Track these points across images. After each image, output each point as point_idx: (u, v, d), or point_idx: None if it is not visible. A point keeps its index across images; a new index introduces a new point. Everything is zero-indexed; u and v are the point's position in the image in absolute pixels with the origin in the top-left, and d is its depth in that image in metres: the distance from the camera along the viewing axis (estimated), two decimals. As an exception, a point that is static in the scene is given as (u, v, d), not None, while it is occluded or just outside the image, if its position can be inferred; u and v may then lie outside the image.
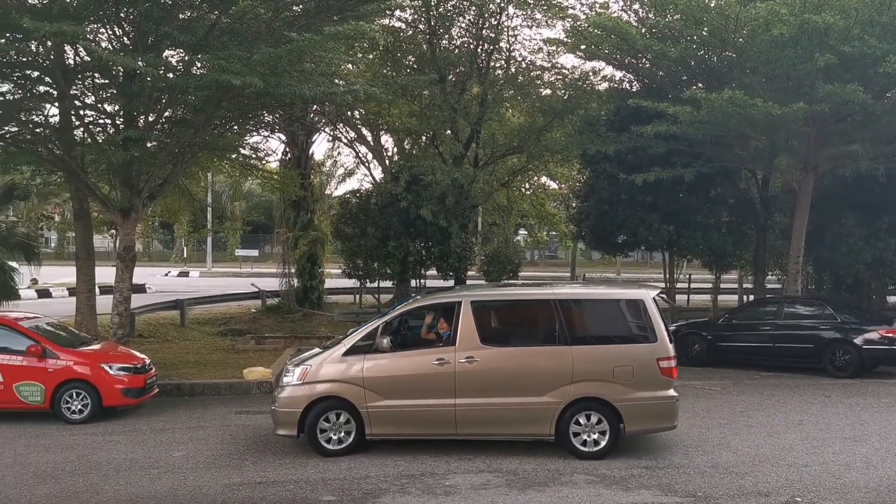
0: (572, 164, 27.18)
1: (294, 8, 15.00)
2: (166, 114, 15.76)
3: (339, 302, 29.36)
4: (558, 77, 22.93)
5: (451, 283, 22.73)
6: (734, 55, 17.50)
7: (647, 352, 9.64)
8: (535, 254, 71.69)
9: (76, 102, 16.00)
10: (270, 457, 9.84)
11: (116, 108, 16.14)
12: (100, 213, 20.70)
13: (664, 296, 15.11)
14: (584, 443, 9.64)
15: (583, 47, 19.78)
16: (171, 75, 14.59)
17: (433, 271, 22.66)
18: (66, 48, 14.85)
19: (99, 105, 16.51)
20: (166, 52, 15.28)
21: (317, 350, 10.66)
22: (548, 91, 23.06)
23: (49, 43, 13.24)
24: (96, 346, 13.23)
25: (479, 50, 22.17)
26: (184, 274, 49.47)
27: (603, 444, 9.60)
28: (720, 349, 17.35)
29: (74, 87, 15.86)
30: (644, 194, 19.78)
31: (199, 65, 14.67)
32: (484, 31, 21.90)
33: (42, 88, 15.65)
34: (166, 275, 47.40)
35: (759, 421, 11.91)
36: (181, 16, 14.72)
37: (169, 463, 9.67)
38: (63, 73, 14.54)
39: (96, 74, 15.71)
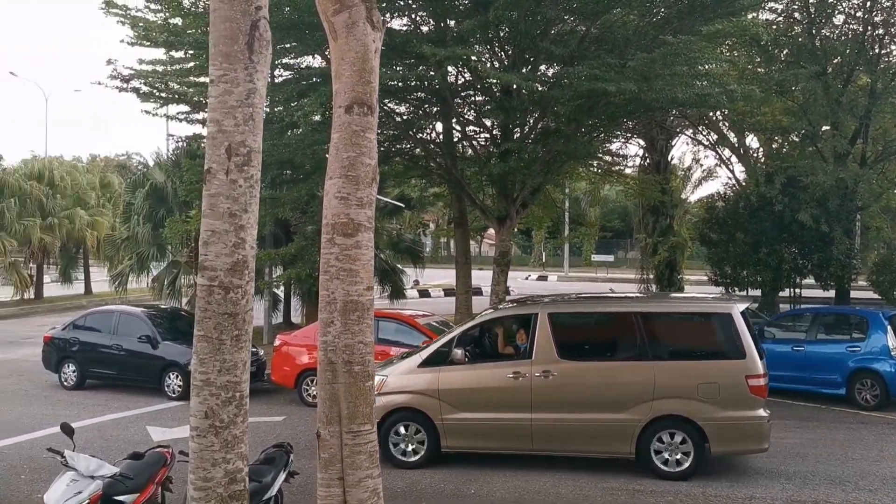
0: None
1: (664, 11, 14.77)
2: (539, 125, 16.50)
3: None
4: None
5: (831, 293, 20.77)
6: None
7: (735, 369, 9.09)
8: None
9: (460, 119, 17.42)
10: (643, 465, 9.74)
11: (493, 122, 17.27)
12: (475, 221, 22.37)
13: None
14: (667, 462, 9.21)
15: None
16: (542, 88, 15.23)
17: (809, 280, 20.85)
18: (450, 69, 16.26)
19: (478, 120, 17.80)
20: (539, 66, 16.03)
21: (393, 361, 10.51)
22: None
23: (439, 66, 14.53)
24: (477, 344, 14.21)
25: (867, 35, 19.89)
26: (542, 278, 51.47)
27: (686, 464, 9.15)
28: None
29: (457, 105, 17.27)
30: None
31: (570, 76, 15.10)
32: (874, 14, 19.59)
33: (431, 108, 17.28)
34: (526, 278, 49.67)
35: None
36: (552, 31, 15.31)
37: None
38: (450, 93, 15.90)
39: (476, 92, 16.96)
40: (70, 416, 12.07)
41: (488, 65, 15.49)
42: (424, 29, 15.82)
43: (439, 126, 18.19)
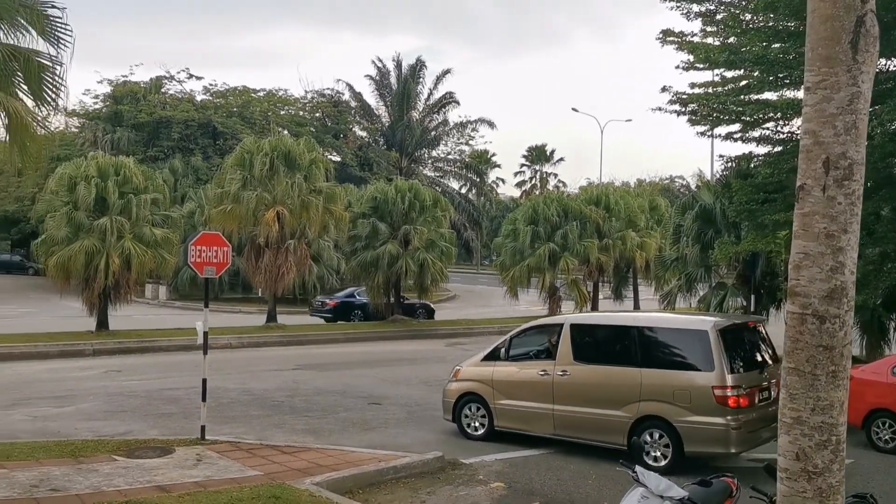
0: None
1: None
2: None
3: None
4: None
5: None
6: None
7: (704, 379, 10.02)
8: None
9: None
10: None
11: None
12: None
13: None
14: (654, 458, 10.07)
15: None
16: None
17: None
18: None
19: None
20: None
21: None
22: None
23: None
24: None
25: None
26: None
27: (667, 460, 10.04)
28: None
29: None
30: None
31: None
32: None
33: None
34: None
35: None
36: None
37: None
38: None
39: None
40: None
41: None
42: None
43: None
